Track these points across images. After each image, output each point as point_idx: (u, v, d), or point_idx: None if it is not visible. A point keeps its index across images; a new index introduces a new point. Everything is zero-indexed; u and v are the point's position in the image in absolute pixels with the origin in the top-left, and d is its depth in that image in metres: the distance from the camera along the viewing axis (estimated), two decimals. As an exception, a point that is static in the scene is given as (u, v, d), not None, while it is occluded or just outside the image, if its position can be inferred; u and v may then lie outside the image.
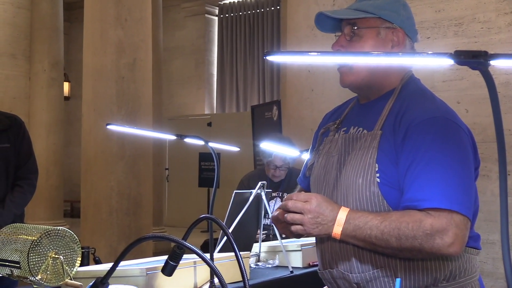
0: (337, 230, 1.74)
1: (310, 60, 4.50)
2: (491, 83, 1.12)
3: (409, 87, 1.93)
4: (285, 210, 1.81)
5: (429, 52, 1.24)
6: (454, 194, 1.70)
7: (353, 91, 2.05)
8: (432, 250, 1.69)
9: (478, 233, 1.90)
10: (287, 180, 4.90)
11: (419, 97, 1.89)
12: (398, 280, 1.39)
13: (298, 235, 1.94)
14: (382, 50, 1.90)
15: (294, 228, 1.79)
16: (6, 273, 2.57)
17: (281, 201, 4.60)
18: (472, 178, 1.79)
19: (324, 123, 2.18)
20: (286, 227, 1.89)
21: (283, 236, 3.17)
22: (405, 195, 1.76)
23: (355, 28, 1.90)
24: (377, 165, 1.80)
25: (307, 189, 2.17)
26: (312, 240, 3.58)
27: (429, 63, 1.33)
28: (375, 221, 1.73)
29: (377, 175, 1.80)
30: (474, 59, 1.13)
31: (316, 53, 1.50)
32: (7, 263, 2.53)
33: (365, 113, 1.96)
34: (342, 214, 1.75)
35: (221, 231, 2.42)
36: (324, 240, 1.93)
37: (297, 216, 1.76)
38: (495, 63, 1.14)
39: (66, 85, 12.84)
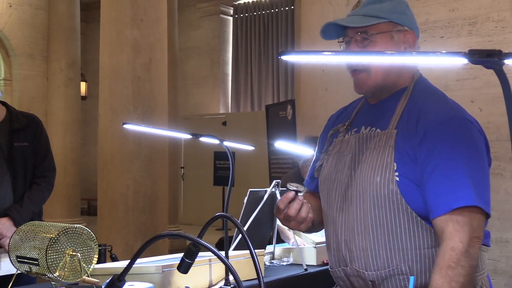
0: None
1: (324, 60, 4.49)
2: (505, 82, 1.12)
3: (420, 86, 1.92)
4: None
5: (443, 52, 1.23)
6: (478, 190, 1.72)
7: (368, 96, 2.03)
8: (470, 263, 1.70)
9: (488, 230, 1.90)
10: None
11: (433, 98, 1.89)
12: (412, 278, 1.39)
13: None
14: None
15: None
16: (25, 270, 2.59)
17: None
18: (488, 173, 1.80)
19: (331, 125, 2.17)
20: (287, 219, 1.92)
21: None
22: (431, 205, 1.77)
23: (368, 34, 1.87)
24: (395, 164, 1.80)
25: (315, 191, 2.17)
26: (326, 238, 3.59)
27: (443, 62, 1.33)
28: (439, 281, 1.70)
29: (396, 173, 1.80)
30: (488, 58, 1.13)
31: (330, 53, 1.50)
32: (26, 260, 2.55)
33: (377, 113, 1.96)
34: None
35: (236, 229, 2.42)
36: (338, 238, 1.94)
37: None
38: (509, 62, 1.14)
39: (83, 85, 12.92)
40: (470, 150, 1.77)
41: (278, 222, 3.73)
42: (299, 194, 1.88)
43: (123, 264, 2.73)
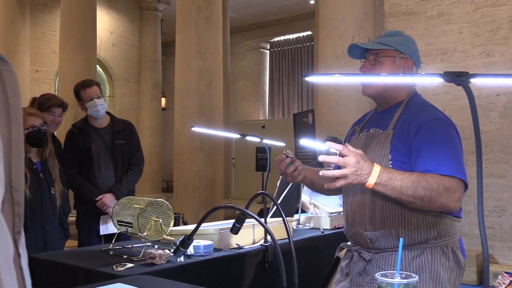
0: (371, 181, 1.62)
1: (335, 80, 4.45)
2: (471, 95, 1.09)
3: (414, 100, 1.91)
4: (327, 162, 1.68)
5: (424, 73, 1.21)
6: (459, 168, 1.69)
7: (371, 98, 2.03)
8: (444, 201, 1.64)
9: (461, 206, 1.86)
10: None
11: (422, 107, 1.87)
12: (401, 239, 1.36)
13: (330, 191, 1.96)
14: (396, 73, 1.89)
15: (338, 182, 1.64)
16: (123, 230, 2.63)
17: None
18: (461, 157, 1.77)
19: (352, 127, 2.18)
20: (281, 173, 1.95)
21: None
22: (423, 168, 1.70)
23: (378, 56, 1.88)
24: (390, 155, 1.79)
25: None
26: (338, 208, 3.56)
27: (424, 81, 1.30)
28: (404, 175, 1.65)
29: (390, 162, 1.78)
30: (459, 78, 1.10)
31: (339, 75, 1.50)
32: (123, 223, 2.58)
33: (381, 118, 1.95)
34: (377, 168, 1.63)
35: (272, 202, 2.41)
36: (349, 207, 1.93)
37: (340, 171, 1.62)
38: (474, 80, 1.11)
39: (163, 100, 13.03)
40: (448, 140, 1.76)
41: (302, 198, 3.71)
42: (288, 156, 1.90)
43: (191, 227, 2.75)
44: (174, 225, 2.71)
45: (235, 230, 1.86)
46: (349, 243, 2.04)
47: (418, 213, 1.77)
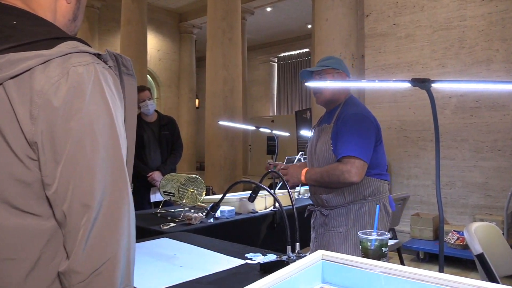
0: (302, 179, 1.96)
1: (326, 85, 4.38)
2: (431, 97, 1.07)
3: (348, 101, 2.04)
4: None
5: (395, 80, 1.19)
6: (357, 148, 1.84)
7: (322, 105, 2.14)
8: (343, 180, 1.84)
9: (387, 173, 2.01)
10: None
11: (351, 105, 1.99)
12: (378, 206, 1.34)
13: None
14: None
15: (285, 177, 2.03)
16: (168, 199, 2.65)
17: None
18: (371, 143, 1.88)
19: (314, 125, 2.26)
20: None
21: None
22: (336, 151, 1.92)
23: (321, 75, 2.03)
24: (331, 141, 1.94)
25: None
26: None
27: (396, 85, 1.29)
28: (317, 171, 1.93)
29: (331, 146, 1.94)
30: (423, 83, 1.08)
31: (329, 81, 1.48)
32: (168, 193, 2.60)
33: (328, 116, 2.09)
34: (304, 171, 1.97)
35: (279, 178, 2.41)
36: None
37: (285, 177, 2.00)
38: (434, 85, 1.09)
39: (197, 101, 13.03)
40: (356, 129, 1.87)
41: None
42: (271, 164, 2.13)
43: (218, 197, 2.76)
44: (206, 195, 2.73)
45: (251, 199, 1.86)
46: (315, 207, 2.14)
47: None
